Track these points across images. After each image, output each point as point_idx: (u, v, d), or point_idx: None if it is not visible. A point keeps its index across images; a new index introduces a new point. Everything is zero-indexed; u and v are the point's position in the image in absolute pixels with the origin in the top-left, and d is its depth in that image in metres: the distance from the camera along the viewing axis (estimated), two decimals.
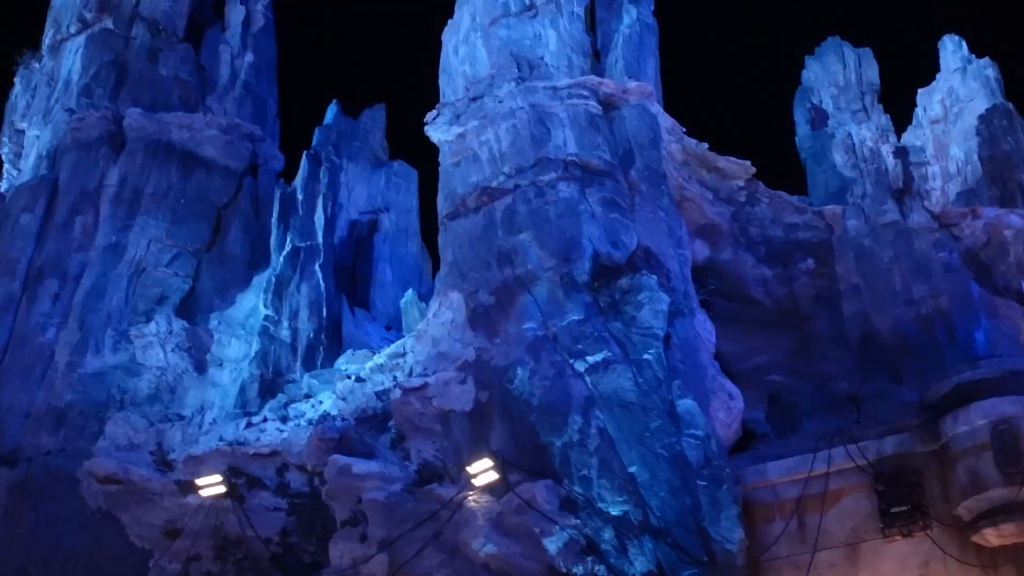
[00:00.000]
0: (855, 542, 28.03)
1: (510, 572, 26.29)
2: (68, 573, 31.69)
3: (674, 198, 33.31)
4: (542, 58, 33.64)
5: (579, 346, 28.70)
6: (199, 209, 38.78)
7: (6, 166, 41.81)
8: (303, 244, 36.74)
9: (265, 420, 32.31)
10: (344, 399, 31.80)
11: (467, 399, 29.24)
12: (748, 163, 35.58)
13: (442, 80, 35.35)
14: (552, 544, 26.20)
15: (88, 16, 42.23)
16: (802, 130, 42.50)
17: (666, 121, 34.34)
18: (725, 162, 35.44)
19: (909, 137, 42.69)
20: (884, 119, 40.75)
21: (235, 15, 44.01)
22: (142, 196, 38.10)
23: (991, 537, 26.39)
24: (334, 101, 43.37)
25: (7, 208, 39.80)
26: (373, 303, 40.28)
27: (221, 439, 31.73)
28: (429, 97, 35.34)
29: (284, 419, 32.08)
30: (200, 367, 34.83)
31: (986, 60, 42.62)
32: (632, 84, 33.74)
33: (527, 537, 26.46)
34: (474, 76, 34.21)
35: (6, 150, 42.10)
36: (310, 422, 31.27)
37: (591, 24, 35.87)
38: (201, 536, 30.38)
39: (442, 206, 33.27)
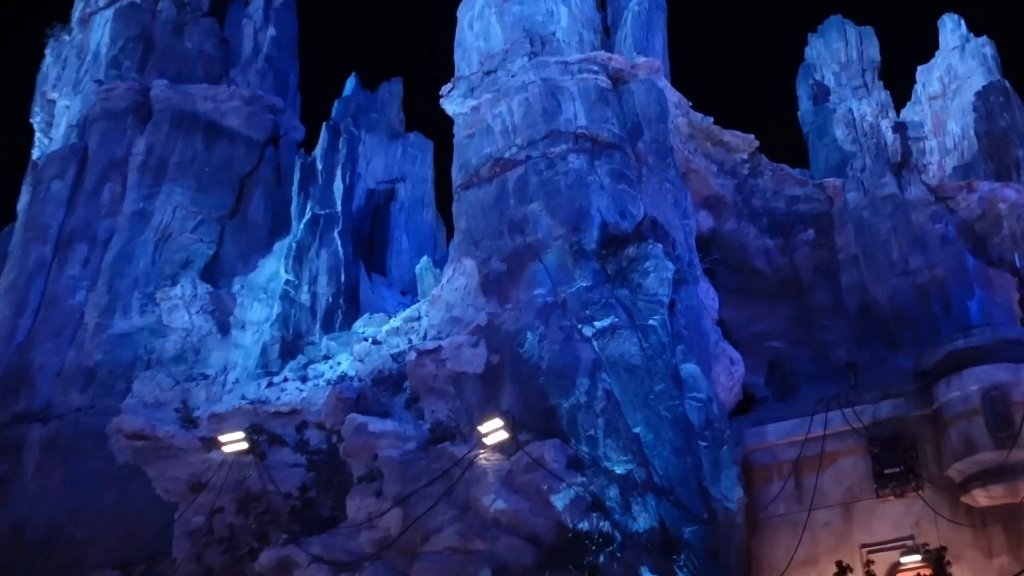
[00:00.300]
0: (850, 502, 28.01)
1: (519, 527, 26.24)
2: (97, 525, 31.77)
3: (680, 170, 33.20)
4: (554, 34, 33.44)
5: (587, 312, 28.62)
6: (223, 178, 38.80)
7: (37, 135, 41.77)
8: (322, 212, 36.66)
9: (286, 380, 32.34)
10: (361, 361, 31.81)
11: (479, 362, 29.24)
12: (752, 137, 35.46)
13: (457, 54, 35.19)
14: (559, 501, 26.14)
15: None
16: (804, 105, 42.33)
17: (673, 96, 34.20)
18: (730, 136, 35.31)
19: (908, 113, 42.52)
20: (884, 95, 40.54)
21: None
22: (168, 165, 38.10)
23: (980, 498, 26.35)
24: (352, 74, 43.32)
25: (39, 175, 39.81)
26: (389, 269, 40.22)
27: (243, 398, 31.80)
28: (444, 71, 35.31)
29: (304, 379, 32.13)
30: (223, 329, 34.87)
31: (984, 39, 42.36)
32: (641, 60, 33.56)
33: (535, 494, 26.40)
34: (488, 51, 34.03)
35: (37, 119, 42.05)
36: (329, 382, 31.31)
37: (601, 1, 35.68)
38: (224, 490, 30.42)
39: (456, 176, 33.23)
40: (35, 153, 41.31)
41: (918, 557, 25.52)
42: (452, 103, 33.85)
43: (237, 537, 29.71)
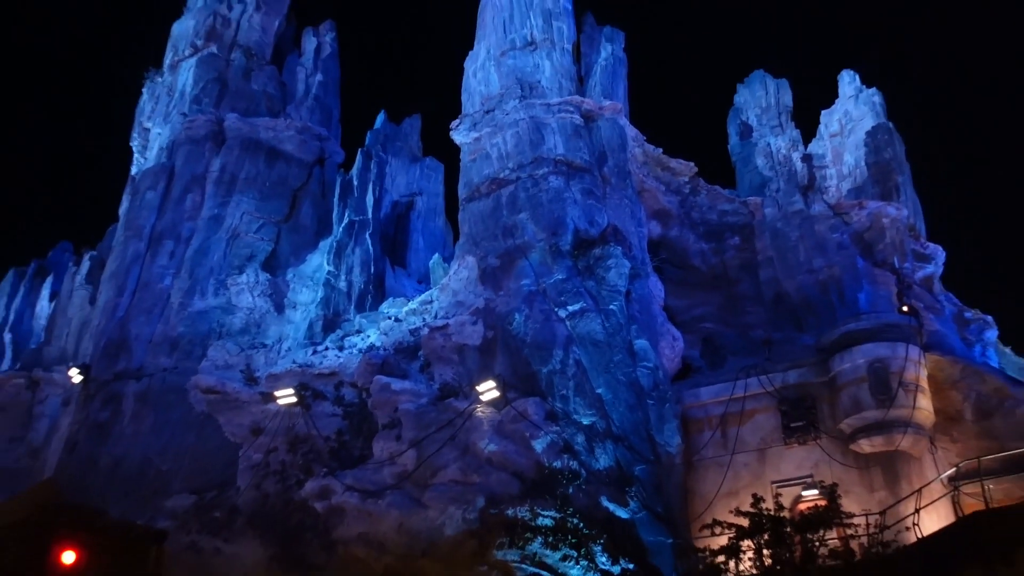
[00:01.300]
0: (764, 448, 28.24)
1: (507, 465, 26.47)
2: (178, 460, 31.92)
3: (636, 189, 33.33)
4: (539, 82, 33.52)
5: (562, 298, 28.84)
6: (279, 190, 38.94)
7: (135, 155, 41.85)
8: (357, 218, 36.75)
9: (327, 349, 32.46)
10: (386, 334, 31.93)
11: (477, 336, 29.44)
12: (692, 164, 35.62)
13: (464, 96, 35.26)
14: (538, 445, 26.34)
15: (198, 43, 42.13)
16: (733, 140, 42.48)
17: (631, 131, 34.33)
18: (675, 163, 35.45)
19: (813, 147, 42.61)
20: (795, 133, 40.74)
21: (309, 44, 43.90)
22: (237, 180, 38.22)
23: (865, 446, 26.61)
24: (382, 111, 43.29)
25: (136, 187, 39.98)
26: (408, 263, 40.30)
27: (294, 362, 31.95)
28: (453, 109, 35.34)
29: (341, 348, 32.24)
30: (279, 308, 35.02)
31: (874, 89, 42.46)
32: (607, 103, 33.69)
33: (520, 439, 26.61)
34: (488, 94, 34.14)
35: (136, 143, 42.13)
36: (360, 351, 31.44)
37: (576, 56, 35.74)
38: (278, 434, 30.60)
39: (462, 192, 33.40)
40: (133, 169, 41.39)
41: (816, 491, 25.76)
42: (459, 134, 33.98)
43: (287, 471, 29.85)
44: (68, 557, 12.91)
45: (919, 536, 22.06)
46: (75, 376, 35.27)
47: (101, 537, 13.33)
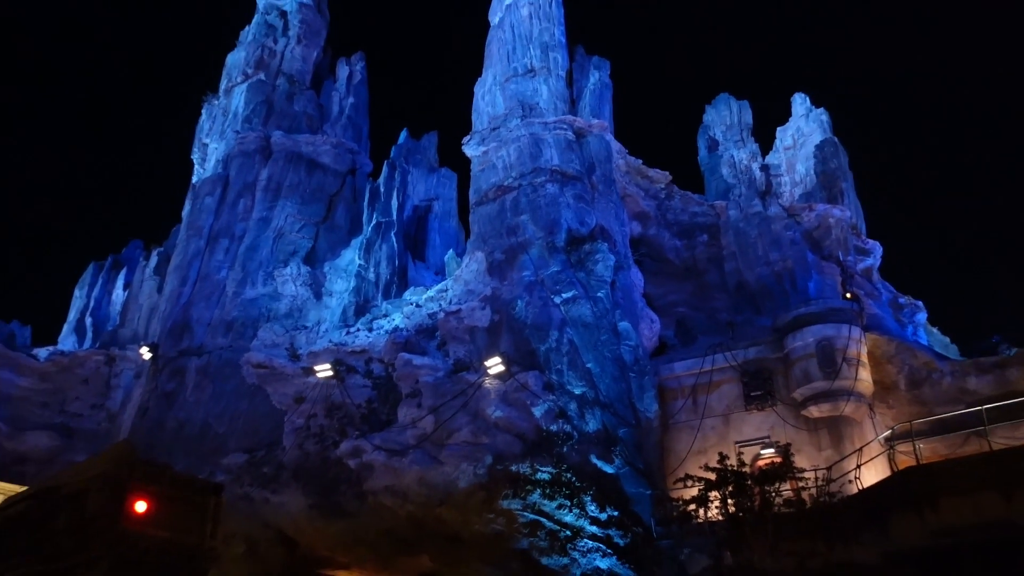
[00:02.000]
0: (728, 413, 28.26)
1: (511, 428, 26.50)
2: (233, 424, 32.01)
3: (619, 194, 33.30)
4: (538, 104, 33.44)
5: (557, 287, 28.84)
6: (318, 196, 39.01)
7: (196, 166, 41.85)
8: (383, 220, 36.71)
9: (358, 330, 32.48)
10: (408, 318, 31.95)
11: (486, 319, 29.45)
12: (667, 173, 35.60)
13: (474, 116, 35.18)
14: (537, 411, 26.38)
15: (249, 71, 42.10)
16: (702, 152, 42.37)
17: (616, 145, 34.29)
18: (653, 172, 35.43)
19: (770, 158, 42.51)
20: (754, 146, 40.63)
21: (342, 72, 43.85)
22: (282, 187, 38.27)
23: (814, 412, 26.65)
24: (404, 129, 43.24)
25: (196, 193, 40.02)
26: (427, 258, 40.29)
27: (330, 341, 31.97)
28: (464, 127, 35.26)
29: (370, 330, 32.25)
30: (317, 296, 35.06)
31: (822, 109, 42.36)
32: (595, 122, 33.63)
33: (522, 407, 26.63)
34: (494, 114, 34.07)
35: (196, 156, 42.15)
36: (387, 332, 31.46)
37: (569, 82, 35.64)
38: (317, 402, 30.65)
39: (472, 197, 33.37)
40: (194, 178, 41.38)
41: (772, 450, 25.83)
42: (470, 148, 33.96)
43: (325, 433, 29.90)
44: (140, 506, 12.89)
45: (860, 487, 22.08)
46: (146, 353, 35.40)
47: (168, 489, 13.29)
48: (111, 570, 12.88)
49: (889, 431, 25.57)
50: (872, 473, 23.53)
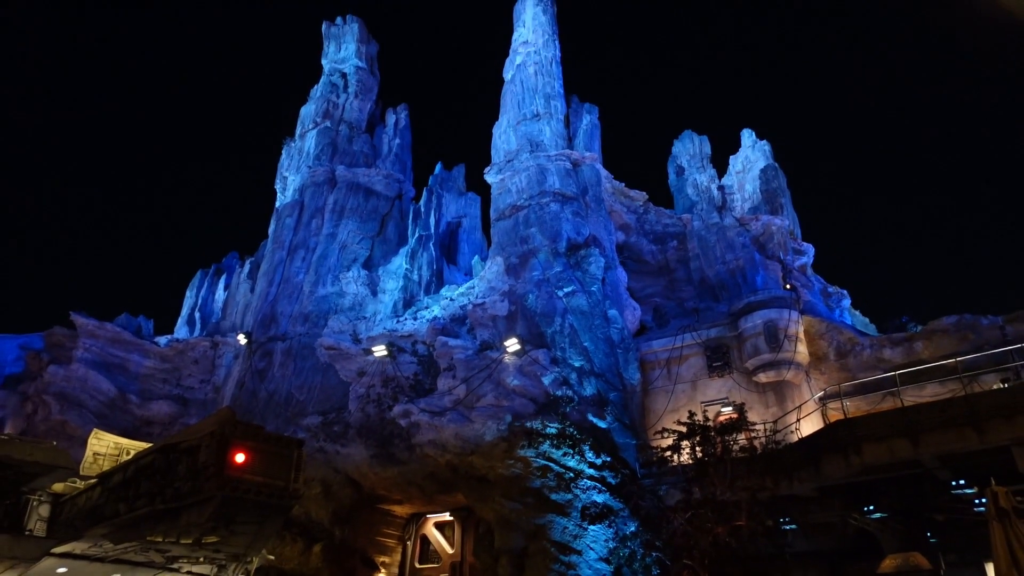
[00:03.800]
0: (695, 380, 28.14)
1: (525, 394, 26.46)
2: (310, 393, 32.07)
3: (607, 210, 33.15)
4: (542, 141, 33.34)
5: (560, 283, 28.75)
6: (373, 216, 38.92)
7: (278, 194, 41.96)
8: (424, 233, 36.75)
9: (406, 319, 32.50)
10: (444, 309, 31.95)
11: (504, 309, 29.40)
12: (644, 193, 35.43)
13: (492, 151, 35.14)
14: (546, 380, 26.34)
15: (317, 120, 42.14)
16: (671, 176, 42.13)
17: (604, 172, 34.13)
18: (633, 192, 35.27)
19: (726, 180, 42.27)
20: (712, 171, 40.39)
21: (390, 119, 43.83)
22: (345, 210, 38.26)
23: (762, 378, 26.50)
24: (439, 162, 43.29)
25: (279, 215, 40.01)
26: (459, 262, 40.31)
27: (384, 328, 32.01)
28: (485, 159, 35.25)
29: (415, 319, 32.27)
30: (374, 293, 35.08)
31: (765, 141, 42.11)
32: (587, 154, 33.51)
33: (534, 376, 26.61)
34: (508, 150, 33.99)
35: (279, 186, 42.27)
36: (428, 320, 31.46)
37: (567, 123, 35.54)
38: (375, 375, 30.68)
39: (493, 214, 33.25)
40: (277, 203, 41.53)
41: (730, 408, 25.72)
42: (490, 176, 33.93)
43: (381, 399, 29.94)
44: (240, 457, 12.97)
45: (799, 437, 22.00)
46: (242, 339, 35.61)
47: (261, 444, 13.37)
48: (219, 507, 12.99)
49: (822, 392, 25.51)
50: (809, 425, 23.45)
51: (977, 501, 17.87)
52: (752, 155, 42.04)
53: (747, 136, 43.14)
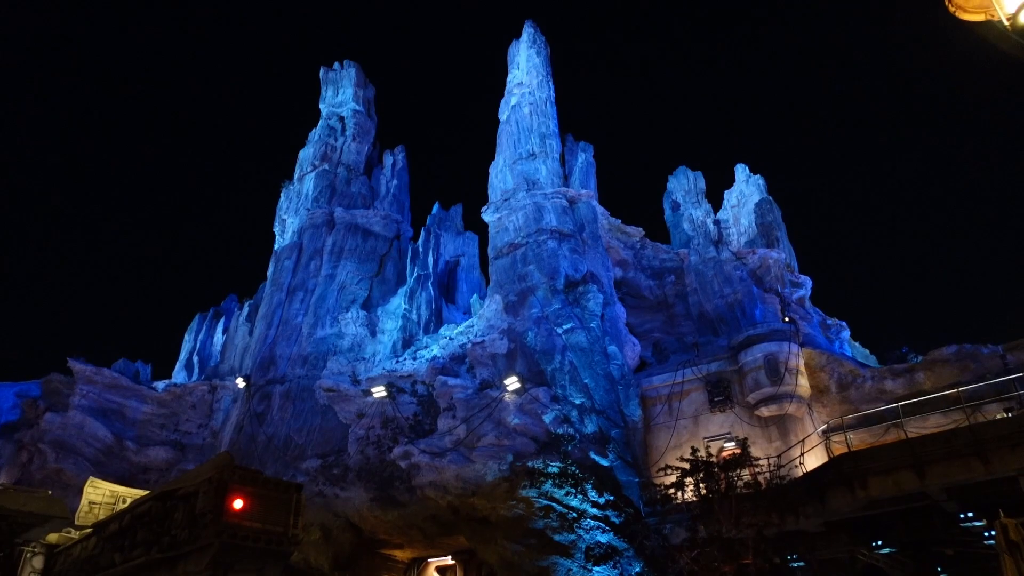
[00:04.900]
0: (696, 415, 27.88)
1: (526, 432, 26.23)
2: (309, 436, 31.76)
3: (604, 247, 33.25)
4: (538, 179, 33.59)
5: (559, 320, 28.68)
6: (371, 256, 39.01)
7: (277, 236, 42.11)
8: (422, 273, 36.80)
9: (405, 359, 32.34)
10: (444, 348, 31.83)
11: (504, 347, 29.28)
12: (640, 229, 35.53)
13: (489, 191, 35.36)
14: (547, 418, 26.13)
15: (316, 163, 42.53)
16: (667, 212, 42.29)
17: (600, 209, 34.31)
18: (630, 229, 35.37)
19: (721, 214, 42.46)
20: (708, 206, 40.58)
21: (388, 160, 44.24)
22: (343, 251, 38.37)
23: (764, 412, 26.28)
24: (436, 202, 43.58)
25: (278, 257, 40.11)
26: (457, 301, 40.31)
27: (383, 369, 31.84)
28: (482, 199, 35.51)
29: (414, 359, 32.13)
30: (372, 334, 34.95)
31: (759, 176, 42.43)
32: (583, 191, 33.74)
33: (535, 415, 26.41)
34: (505, 188, 34.22)
35: (277, 228, 42.45)
36: (427, 360, 31.31)
37: (562, 162, 35.86)
38: (374, 416, 30.44)
39: (491, 252, 33.29)
40: (276, 246, 41.71)
41: (733, 443, 25.47)
42: (487, 215, 34.09)
43: (381, 441, 29.70)
44: (238, 503, 12.79)
45: (804, 471, 21.76)
46: (240, 383, 35.40)
47: (260, 489, 13.20)
48: (217, 554, 12.77)
49: (825, 425, 25.27)
50: (813, 459, 23.19)
51: (986, 534, 17.60)
52: (747, 189, 42.34)
53: (741, 171, 43.50)
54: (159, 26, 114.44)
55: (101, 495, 20.91)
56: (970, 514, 17.47)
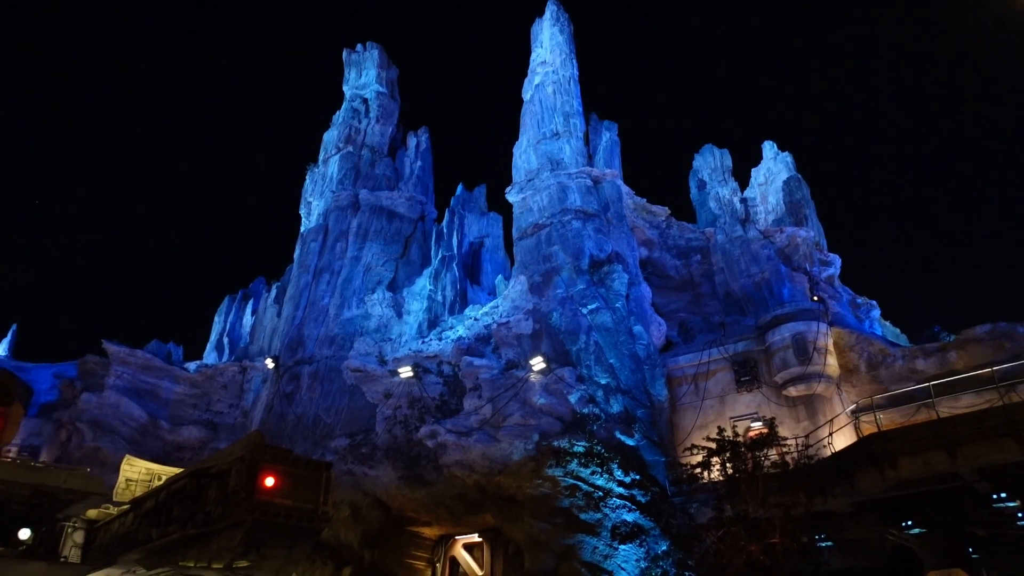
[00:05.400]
0: (723, 395, 27.80)
1: (552, 412, 26.34)
2: (337, 415, 32.18)
3: (629, 227, 33.05)
4: (562, 159, 33.40)
5: (583, 301, 28.66)
6: (396, 238, 39.10)
7: (303, 219, 42.34)
8: (447, 254, 36.85)
9: (431, 340, 32.50)
10: (469, 329, 31.93)
11: (529, 328, 29.32)
12: (666, 208, 35.25)
13: (513, 171, 35.25)
14: (572, 398, 26.21)
15: (340, 145, 42.61)
16: (693, 191, 41.87)
17: (625, 188, 34.08)
18: (655, 208, 35.12)
19: (748, 192, 41.93)
20: (734, 184, 40.04)
21: (411, 142, 44.18)
22: (369, 232, 38.51)
23: (792, 392, 26.13)
24: (460, 183, 43.53)
25: (304, 239, 40.45)
26: (482, 282, 40.37)
27: (410, 349, 32.04)
28: (506, 179, 35.32)
29: (440, 339, 32.27)
30: (399, 315, 35.11)
31: (787, 153, 41.80)
32: (607, 171, 33.49)
33: (560, 395, 26.48)
34: (529, 169, 34.09)
35: (303, 211, 42.69)
36: (453, 340, 31.44)
37: (586, 141, 35.58)
38: (401, 396, 30.69)
39: (515, 233, 33.26)
40: (302, 228, 41.95)
41: (760, 423, 25.32)
42: (511, 196, 34.02)
43: (408, 420, 29.95)
44: (269, 481, 13.03)
45: (832, 451, 21.63)
46: (270, 364, 35.88)
47: (290, 467, 13.43)
48: (249, 531, 13.05)
49: (854, 405, 25.01)
50: (841, 439, 23.02)
51: (1020, 515, 17.37)
52: (774, 167, 41.72)
53: (769, 148, 42.85)
54: (187, 7, 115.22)
55: (137, 472, 21.46)
56: (1003, 495, 17.24)
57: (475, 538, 31.44)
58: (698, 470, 21.35)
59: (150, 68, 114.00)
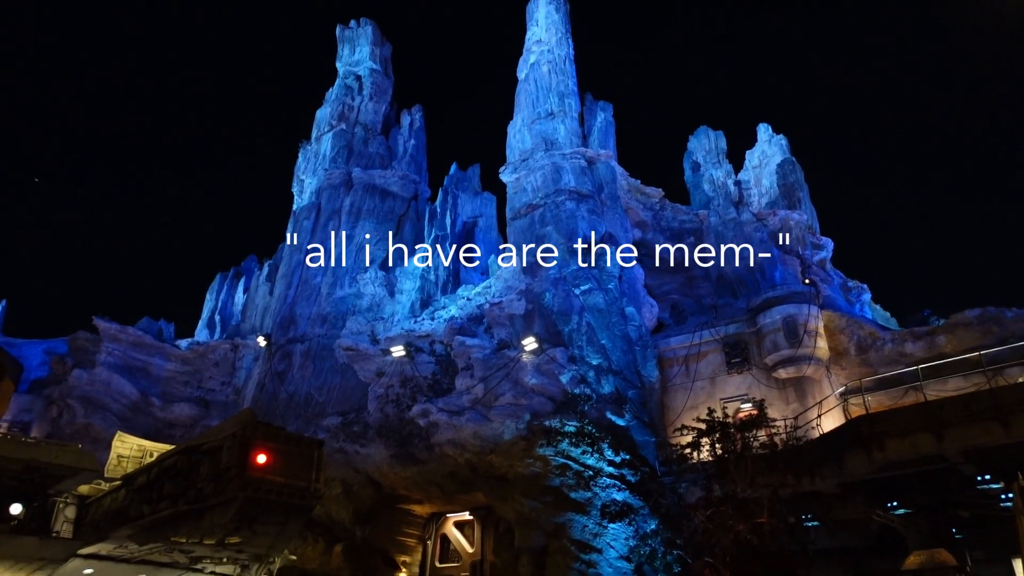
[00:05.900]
0: (713, 376, 27.95)
1: (543, 392, 26.43)
2: (329, 394, 32.22)
3: (623, 208, 33.00)
4: (557, 139, 33.21)
5: (576, 281, 28.65)
6: (389, 216, 38.90)
7: (295, 197, 42.06)
8: (440, 233, 36.76)
9: (423, 319, 32.48)
10: (461, 309, 31.93)
11: (522, 308, 29.30)
12: (660, 190, 35.19)
13: (507, 150, 35.02)
14: (564, 378, 26.28)
15: (333, 123, 42.25)
16: (687, 172, 41.88)
17: (619, 169, 33.95)
18: (649, 189, 35.04)
19: (742, 175, 41.93)
20: (728, 167, 40.05)
21: (405, 120, 43.81)
22: (361, 211, 38.30)
23: (782, 374, 26.29)
24: (454, 162, 43.30)
25: (296, 217, 40.18)
26: (475, 262, 40.33)
27: (402, 329, 32.01)
28: (500, 159, 35.11)
29: (432, 319, 32.26)
30: (391, 294, 35.00)
31: (781, 135, 41.72)
32: (602, 151, 33.34)
33: (552, 375, 26.55)
34: (523, 148, 33.89)
35: (295, 189, 42.40)
36: (445, 320, 31.44)
37: (581, 121, 35.36)
38: (393, 375, 30.74)
39: (509, 213, 33.13)
40: (294, 206, 41.68)
41: (750, 405, 25.56)
42: (506, 176, 33.84)
43: (400, 399, 30.05)
44: (261, 458, 13.04)
45: (821, 432, 21.80)
46: (262, 341, 35.82)
47: (282, 445, 13.44)
48: (241, 507, 13.09)
49: (843, 387, 25.23)
50: (830, 421, 23.21)
51: (1004, 496, 17.60)
52: (769, 149, 41.65)
53: (763, 130, 42.75)
54: None
55: (129, 449, 21.47)
56: (987, 477, 17.46)
57: (466, 516, 31.68)
58: (688, 450, 21.51)
59: (142, 44, 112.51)
